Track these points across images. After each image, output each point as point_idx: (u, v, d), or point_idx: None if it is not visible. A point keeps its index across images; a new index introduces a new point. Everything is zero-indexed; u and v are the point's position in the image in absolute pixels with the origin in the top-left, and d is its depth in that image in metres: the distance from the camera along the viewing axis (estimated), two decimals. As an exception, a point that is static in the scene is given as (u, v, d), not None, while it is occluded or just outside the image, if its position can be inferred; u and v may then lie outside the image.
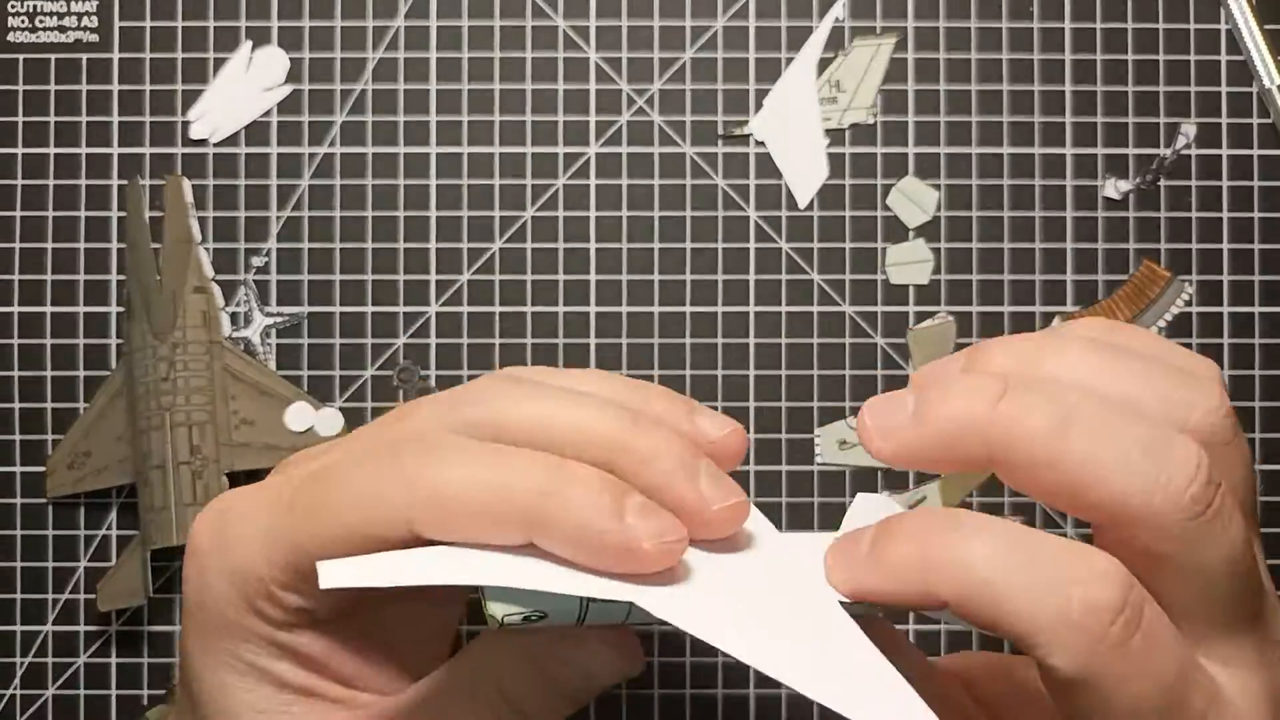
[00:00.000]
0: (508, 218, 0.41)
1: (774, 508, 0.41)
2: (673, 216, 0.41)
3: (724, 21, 0.42)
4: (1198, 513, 0.24)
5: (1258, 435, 0.41)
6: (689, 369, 0.41)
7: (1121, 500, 0.24)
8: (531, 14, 0.42)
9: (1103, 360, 0.26)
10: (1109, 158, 0.41)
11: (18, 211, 0.41)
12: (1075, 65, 0.41)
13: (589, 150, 0.41)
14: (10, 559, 0.41)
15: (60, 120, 0.41)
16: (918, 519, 0.26)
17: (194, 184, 0.41)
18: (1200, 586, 0.25)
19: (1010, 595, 0.24)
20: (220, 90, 0.41)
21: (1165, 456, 0.24)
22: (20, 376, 0.41)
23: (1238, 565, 0.25)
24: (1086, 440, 0.24)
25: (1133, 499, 0.24)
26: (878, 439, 0.27)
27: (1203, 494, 0.24)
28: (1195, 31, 0.41)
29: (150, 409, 0.39)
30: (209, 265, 0.41)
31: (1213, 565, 0.25)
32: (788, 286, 0.41)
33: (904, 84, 0.42)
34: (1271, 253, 0.41)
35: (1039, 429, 0.25)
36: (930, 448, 0.26)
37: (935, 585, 0.25)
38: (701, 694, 0.41)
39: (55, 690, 0.41)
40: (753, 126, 0.41)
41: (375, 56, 0.42)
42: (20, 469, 0.41)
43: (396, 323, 0.41)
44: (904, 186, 0.41)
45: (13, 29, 0.41)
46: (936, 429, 0.26)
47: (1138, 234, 0.41)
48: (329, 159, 0.41)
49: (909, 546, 0.25)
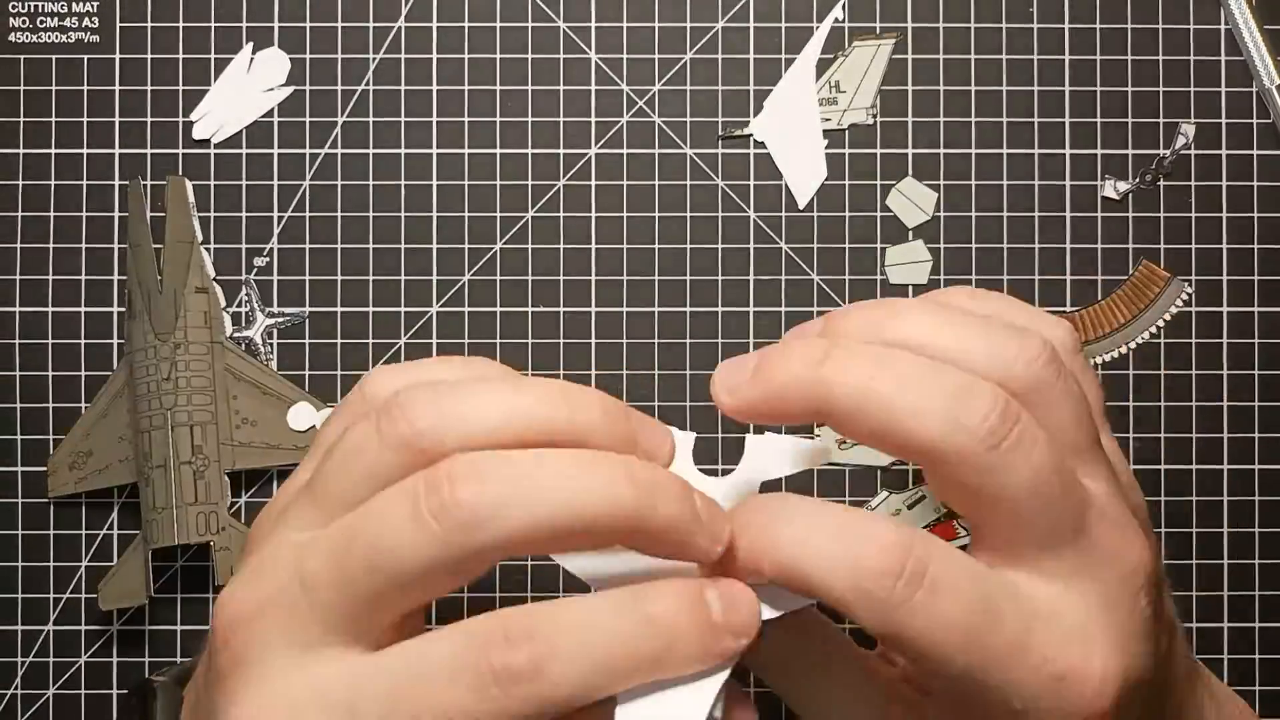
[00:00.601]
0: (509, 218, 0.41)
1: (774, 507, 0.41)
2: (673, 217, 0.41)
3: (724, 23, 0.42)
4: (993, 444, 0.27)
5: (1257, 435, 0.41)
6: (689, 369, 0.41)
7: (925, 440, 0.27)
8: (533, 16, 0.42)
9: (936, 322, 0.29)
10: (1108, 158, 0.42)
11: (19, 212, 0.41)
12: (1075, 65, 0.42)
13: (590, 151, 0.42)
14: (12, 558, 0.41)
15: (62, 121, 0.41)
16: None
17: (196, 184, 0.41)
18: (1009, 510, 0.28)
19: (816, 568, 0.27)
20: (222, 91, 0.42)
21: (965, 400, 0.27)
22: (22, 376, 0.41)
23: (1042, 488, 0.28)
24: (893, 390, 0.28)
25: (935, 437, 0.27)
26: (723, 394, 0.29)
27: (999, 428, 0.27)
28: (1195, 31, 0.41)
29: (152, 409, 0.40)
30: (211, 265, 0.41)
31: (1016, 490, 0.27)
32: (788, 287, 0.41)
33: (903, 84, 0.42)
34: (1271, 253, 0.41)
35: (850, 384, 0.28)
36: (765, 402, 0.29)
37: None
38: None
39: (56, 690, 0.41)
40: (753, 127, 0.42)
41: (377, 58, 0.42)
42: (22, 469, 0.41)
43: (398, 323, 0.41)
44: (903, 187, 0.41)
45: (14, 29, 0.41)
46: (769, 387, 0.29)
47: (1137, 234, 0.41)
48: (331, 160, 0.41)
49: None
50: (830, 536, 0.28)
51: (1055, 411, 0.29)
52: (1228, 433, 0.41)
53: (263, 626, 0.28)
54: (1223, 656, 0.41)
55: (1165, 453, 0.41)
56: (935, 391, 0.27)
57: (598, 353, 0.41)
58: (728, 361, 0.30)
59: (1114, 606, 0.28)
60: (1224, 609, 0.41)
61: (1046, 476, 0.28)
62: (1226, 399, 0.41)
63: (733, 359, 0.30)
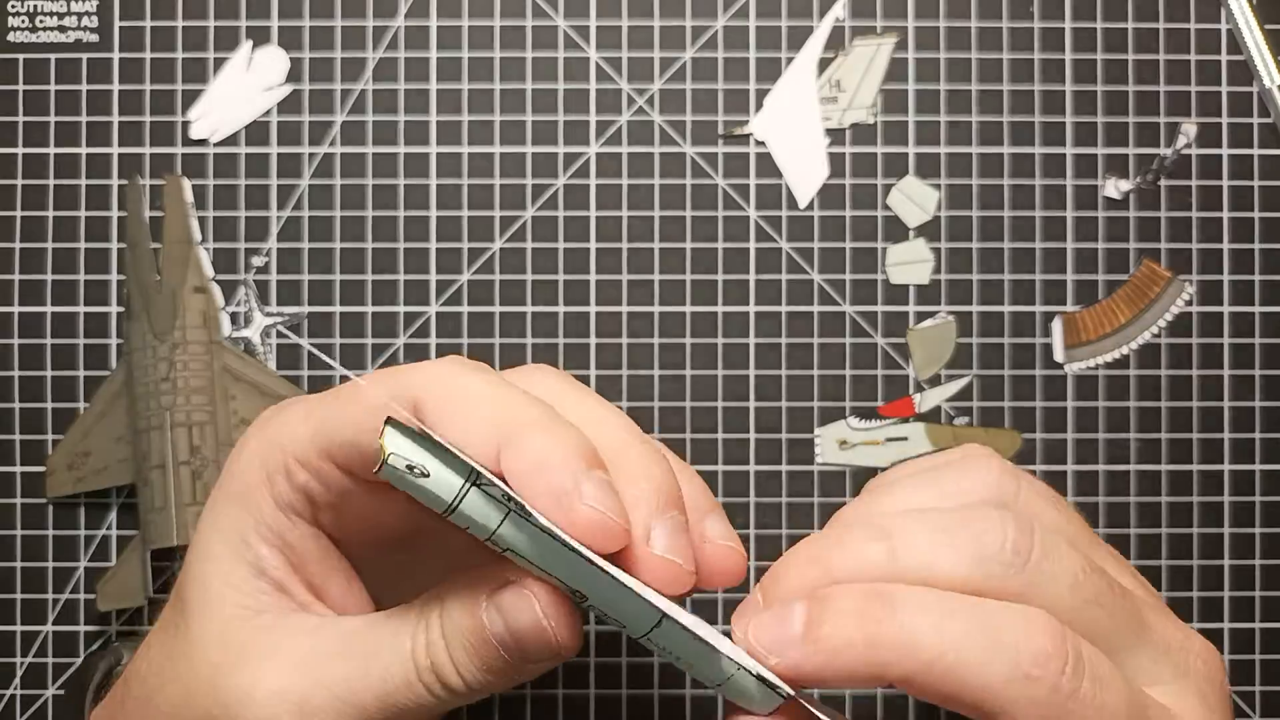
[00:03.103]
0: (508, 217, 0.41)
1: (774, 508, 0.41)
2: (673, 216, 0.41)
3: (724, 21, 0.42)
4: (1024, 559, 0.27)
5: (1258, 435, 0.41)
6: (689, 369, 0.41)
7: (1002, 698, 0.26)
8: (532, 14, 0.42)
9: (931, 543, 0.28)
10: (1109, 157, 0.41)
11: (18, 211, 0.41)
12: (1075, 65, 0.41)
13: (589, 150, 0.41)
14: (10, 559, 0.41)
15: (60, 120, 0.41)
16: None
17: (194, 184, 0.41)
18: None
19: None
20: (220, 90, 0.41)
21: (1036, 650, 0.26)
22: (20, 376, 0.41)
23: (1082, 591, 0.27)
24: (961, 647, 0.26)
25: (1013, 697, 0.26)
26: (768, 656, 0.28)
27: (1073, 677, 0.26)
28: (1195, 31, 0.41)
29: (150, 409, 0.39)
30: (209, 265, 0.41)
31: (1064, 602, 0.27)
32: (788, 286, 0.41)
33: (904, 84, 0.42)
34: (1271, 252, 0.41)
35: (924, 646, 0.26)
36: (823, 671, 0.27)
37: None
38: (701, 694, 0.41)
39: (55, 690, 0.41)
40: (753, 126, 0.41)
41: (375, 56, 0.42)
42: (20, 469, 0.41)
43: (396, 323, 0.41)
44: (904, 186, 0.41)
45: (13, 29, 0.41)
46: (826, 656, 0.27)
47: (1138, 234, 0.41)
48: (329, 159, 0.41)
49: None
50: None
51: (1043, 516, 0.29)
52: (1229, 433, 0.41)
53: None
54: (1224, 657, 0.41)
55: (1166, 453, 0.41)
56: (1003, 642, 0.26)
57: (597, 352, 0.41)
58: (759, 614, 0.28)
59: (1212, 699, 0.28)
60: (1224, 609, 0.41)
61: (1084, 582, 0.27)
62: (1228, 399, 0.41)
63: (764, 610, 0.28)
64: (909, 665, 0.26)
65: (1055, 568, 0.27)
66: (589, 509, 0.26)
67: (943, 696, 0.26)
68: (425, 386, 0.28)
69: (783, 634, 0.27)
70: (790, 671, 0.27)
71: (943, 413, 0.41)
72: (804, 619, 0.27)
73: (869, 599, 0.27)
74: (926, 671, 0.26)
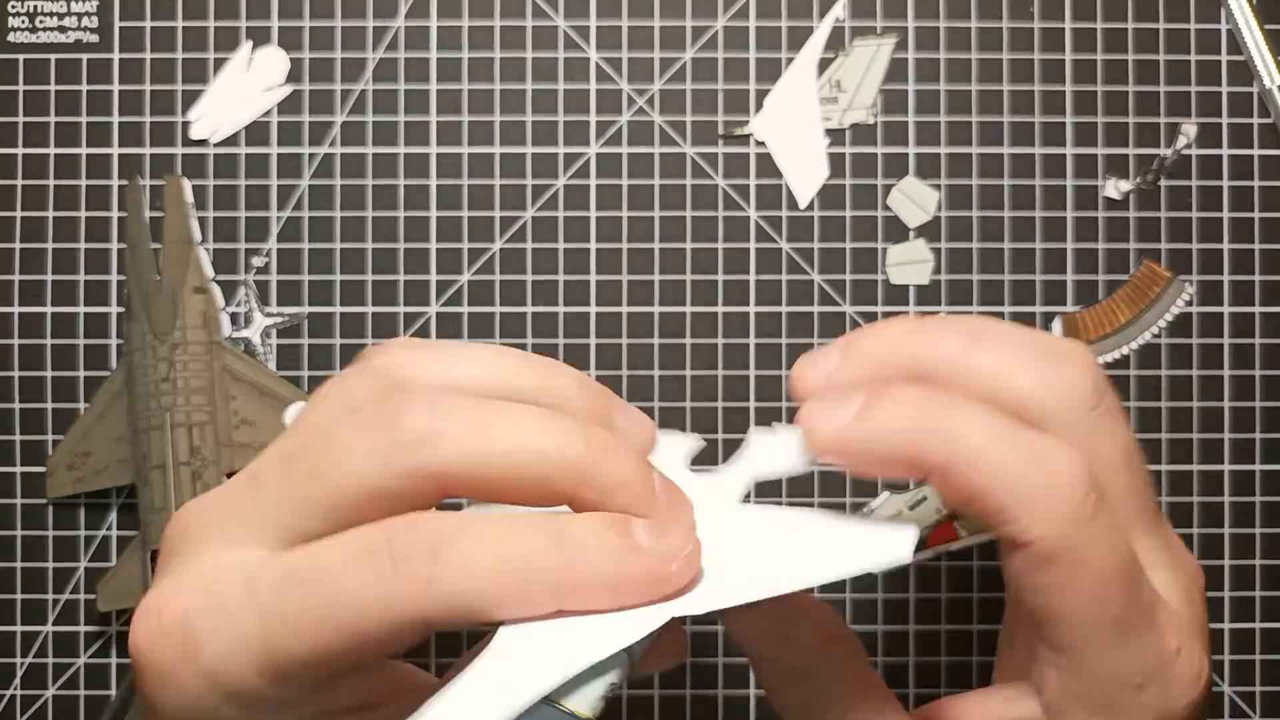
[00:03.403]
0: (508, 218, 0.41)
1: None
2: (673, 216, 0.41)
3: (724, 21, 0.42)
4: (1095, 404, 0.29)
5: (1258, 435, 0.41)
6: (689, 369, 0.41)
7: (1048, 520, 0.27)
8: (532, 14, 0.42)
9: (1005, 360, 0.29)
10: (1109, 158, 0.41)
11: (18, 212, 0.41)
12: (1075, 65, 0.41)
13: (589, 150, 0.41)
14: (10, 559, 0.41)
15: (60, 120, 0.41)
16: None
17: (194, 184, 0.41)
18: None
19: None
20: (220, 90, 0.41)
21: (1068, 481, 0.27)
22: (20, 377, 0.41)
23: (1128, 460, 0.29)
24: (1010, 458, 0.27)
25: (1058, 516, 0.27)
26: (823, 430, 0.28)
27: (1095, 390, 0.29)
28: (1195, 31, 0.41)
29: (150, 409, 0.39)
30: (209, 265, 0.41)
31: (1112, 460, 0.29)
32: (788, 286, 0.41)
33: (904, 84, 0.42)
34: (1271, 253, 0.41)
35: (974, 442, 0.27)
36: (873, 447, 0.28)
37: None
38: (702, 694, 0.41)
39: (55, 690, 0.41)
40: (753, 126, 0.41)
41: (375, 57, 0.42)
42: (20, 469, 0.41)
43: (397, 323, 0.41)
44: (904, 186, 0.41)
45: (13, 29, 0.41)
46: (880, 433, 0.28)
47: (1138, 234, 0.41)
48: (329, 159, 0.41)
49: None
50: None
51: (1107, 441, 0.29)
52: (1229, 433, 0.41)
53: (203, 521, 0.27)
54: (1224, 657, 0.41)
55: (1167, 453, 0.41)
56: (1041, 460, 0.27)
57: (597, 353, 0.41)
58: (819, 400, 0.28)
59: (1195, 608, 0.29)
60: (1225, 609, 0.41)
61: (1133, 449, 0.29)
62: (1228, 399, 0.41)
63: (819, 397, 0.28)
64: (948, 456, 0.27)
65: (1115, 427, 0.29)
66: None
67: (968, 494, 0.27)
68: (443, 459, 0.26)
69: (838, 412, 0.28)
70: (836, 442, 0.28)
71: (943, 413, 0.41)
72: (861, 403, 0.28)
73: (927, 396, 0.28)
74: (963, 466, 0.27)
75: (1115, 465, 0.29)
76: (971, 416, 0.27)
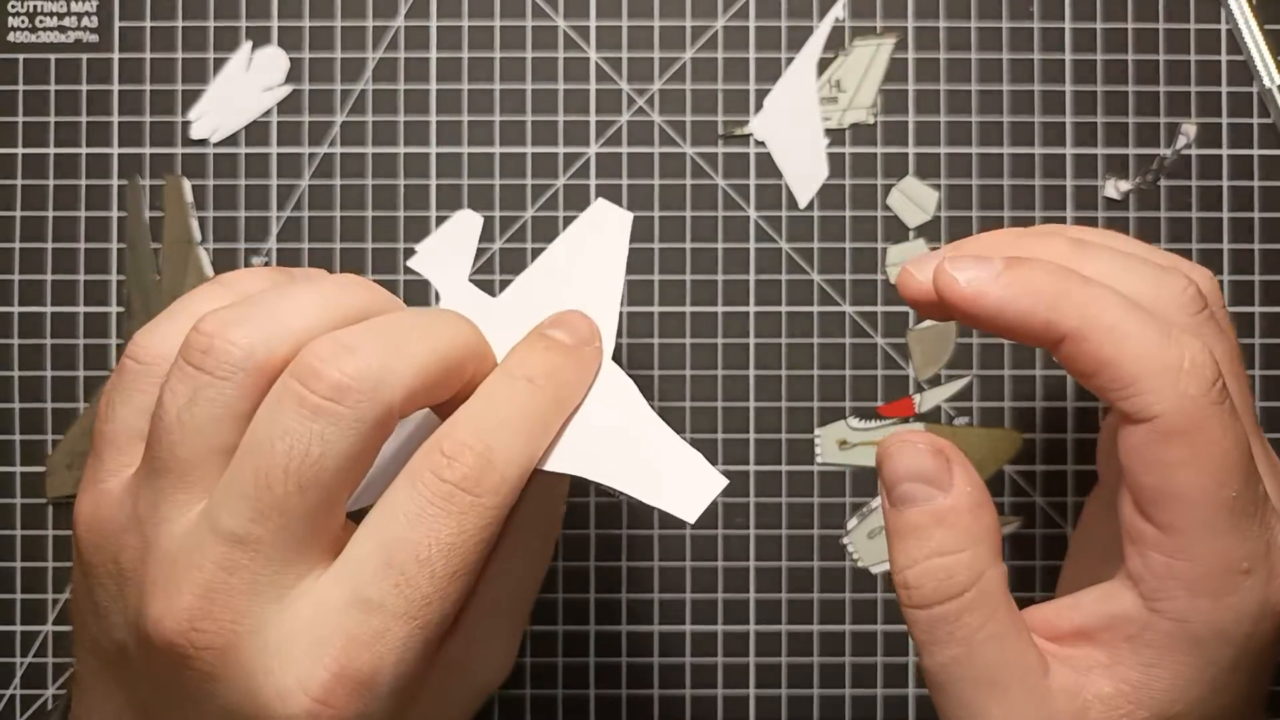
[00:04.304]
0: (508, 218, 0.41)
1: (774, 508, 0.41)
2: (673, 216, 0.41)
3: (724, 21, 0.42)
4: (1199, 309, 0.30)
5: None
6: (689, 369, 0.41)
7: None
8: (532, 14, 0.42)
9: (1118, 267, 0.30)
10: (1109, 158, 0.41)
11: (18, 211, 0.41)
12: (1075, 65, 0.41)
13: (589, 150, 0.41)
14: (10, 559, 0.41)
15: (60, 120, 0.41)
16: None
17: (194, 184, 0.41)
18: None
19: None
20: (220, 90, 0.41)
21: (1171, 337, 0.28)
22: (20, 376, 0.41)
23: (1234, 364, 0.30)
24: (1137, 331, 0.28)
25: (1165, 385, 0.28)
26: (961, 283, 0.29)
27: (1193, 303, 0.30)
28: (1195, 31, 0.41)
29: (150, 409, 0.39)
30: (209, 265, 0.41)
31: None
32: (788, 286, 0.41)
33: (904, 84, 0.42)
34: (1271, 253, 0.41)
35: (1106, 311, 0.28)
36: (1015, 301, 0.29)
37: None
38: (702, 694, 0.41)
39: (55, 690, 0.41)
40: (753, 126, 0.41)
41: (375, 57, 0.42)
42: (20, 469, 0.41)
43: (396, 323, 0.41)
44: (904, 186, 0.41)
45: (13, 29, 0.41)
46: (1023, 290, 0.29)
47: (1138, 234, 0.41)
48: (329, 159, 0.41)
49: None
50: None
51: (1216, 343, 0.30)
52: (1228, 433, 0.41)
53: (229, 613, 0.27)
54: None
55: (1166, 453, 0.41)
56: (1174, 339, 0.28)
57: (597, 353, 0.41)
58: (959, 256, 0.30)
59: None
60: (1224, 609, 0.41)
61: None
62: (1227, 399, 0.41)
63: (959, 255, 0.30)
64: (1084, 323, 0.28)
65: (1218, 334, 0.30)
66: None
67: (1098, 363, 0.28)
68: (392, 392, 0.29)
69: (981, 268, 0.29)
70: (975, 297, 0.29)
71: (943, 413, 0.41)
72: (1003, 265, 0.29)
73: (1066, 269, 0.29)
74: (1099, 334, 0.28)
75: (1224, 364, 0.29)
76: (1108, 292, 0.28)
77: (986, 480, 0.41)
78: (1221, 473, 0.27)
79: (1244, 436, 0.28)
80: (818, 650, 0.41)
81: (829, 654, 0.41)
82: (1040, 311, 0.28)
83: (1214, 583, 0.28)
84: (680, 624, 0.41)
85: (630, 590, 0.41)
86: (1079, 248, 0.31)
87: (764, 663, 0.41)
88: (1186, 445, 0.27)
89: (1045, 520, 0.41)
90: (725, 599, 0.41)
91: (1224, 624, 0.28)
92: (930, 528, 0.29)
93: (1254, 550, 0.28)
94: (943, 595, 0.28)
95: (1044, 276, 0.29)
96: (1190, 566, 0.28)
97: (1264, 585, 0.28)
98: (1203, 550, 0.28)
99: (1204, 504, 0.27)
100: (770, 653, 0.41)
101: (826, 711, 0.41)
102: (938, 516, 0.29)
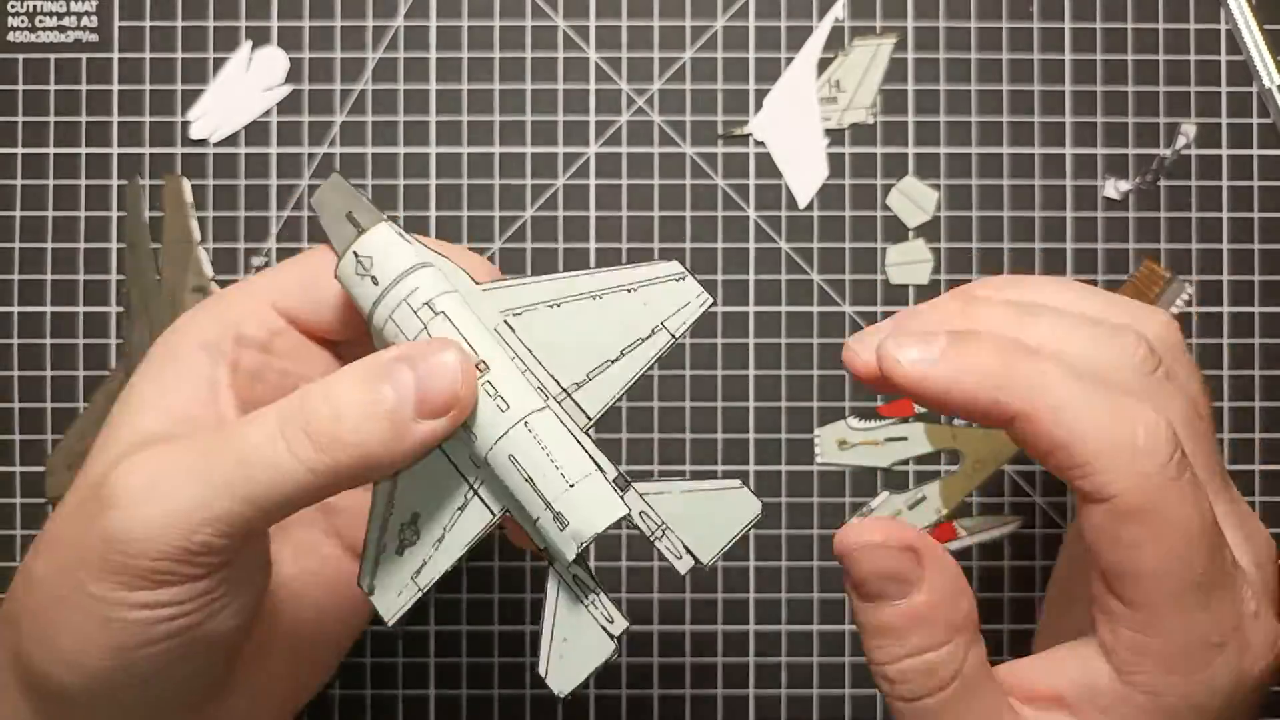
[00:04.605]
0: (507, 217, 0.41)
1: (774, 508, 0.41)
2: (673, 216, 0.41)
3: (724, 21, 0.42)
4: (1151, 369, 0.29)
5: (1257, 435, 0.41)
6: (689, 369, 0.41)
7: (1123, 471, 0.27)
8: (531, 14, 0.42)
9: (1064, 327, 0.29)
10: (1109, 158, 0.41)
11: (18, 211, 0.41)
12: (1075, 65, 0.41)
13: (589, 150, 0.41)
14: (10, 558, 0.41)
15: (60, 120, 0.41)
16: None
17: (194, 184, 0.41)
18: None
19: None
20: (220, 90, 0.41)
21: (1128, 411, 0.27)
22: (20, 376, 0.41)
23: (1194, 422, 0.29)
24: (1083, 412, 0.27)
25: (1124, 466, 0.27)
26: (904, 365, 0.28)
27: (1150, 359, 0.29)
28: (1195, 31, 0.41)
29: (150, 409, 0.39)
30: (209, 265, 0.41)
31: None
32: (788, 286, 0.41)
33: (904, 84, 0.42)
34: (1271, 253, 0.41)
35: (1051, 394, 0.27)
36: (956, 386, 0.28)
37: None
38: (702, 694, 0.41)
39: (55, 690, 0.41)
40: (753, 126, 0.41)
41: (375, 57, 0.42)
42: (20, 469, 0.41)
43: (396, 323, 0.41)
44: (904, 186, 0.41)
45: (13, 29, 0.41)
46: (962, 373, 0.28)
47: (1138, 234, 0.41)
48: (329, 159, 0.41)
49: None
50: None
51: (1170, 403, 0.29)
52: (1229, 433, 0.41)
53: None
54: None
55: (1165, 453, 0.41)
56: (1126, 416, 0.27)
57: (597, 352, 0.41)
58: (902, 334, 0.29)
59: (1266, 573, 0.29)
60: (1224, 609, 0.41)
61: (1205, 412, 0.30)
62: (1227, 399, 0.41)
63: (902, 333, 0.29)
64: (1032, 404, 0.27)
65: (1175, 389, 0.29)
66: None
67: (1050, 446, 0.27)
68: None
69: (924, 348, 0.28)
70: (919, 379, 0.28)
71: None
72: (946, 343, 0.28)
73: (1011, 343, 0.28)
74: (1047, 416, 0.27)
75: (1183, 423, 0.29)
76: (1054, 368, 0.27)
77: (986, 480, 0.41)
78: (1185, 549, 0.27)
79: (1207, 508, 0.27)
80: (818, 650, 0.41)
81: (829, 654, 0.41)
82: (986, 391, 0.27)
83: (1185, 659, 0.27)
84: (680, 624, 0.41)
85: (630, 590, 0.41)
86: (1024, 314, 0.29)
87: (764, 663, 0.41)
88: (1146, 524, 0.26)
89: (1045, 520, 0.41)
90: (725, 599, 0.41)
91: (1198, 698, 0.27)
92: (908, 628, 0.28)
93: (1224, 623, 0.27)
94: (928, 690, 0.28)
95: (988, 354, 0.28)
96: (1161, 643, 0.27)
97: (1237, 658, 0.27)
98: (1171, 627, 0.27)
99: (1169, 581, 0.27)
100: (770, 653, 0.41)
101: (826, 711, 0.41)
102: (915, 617, 0.28)
